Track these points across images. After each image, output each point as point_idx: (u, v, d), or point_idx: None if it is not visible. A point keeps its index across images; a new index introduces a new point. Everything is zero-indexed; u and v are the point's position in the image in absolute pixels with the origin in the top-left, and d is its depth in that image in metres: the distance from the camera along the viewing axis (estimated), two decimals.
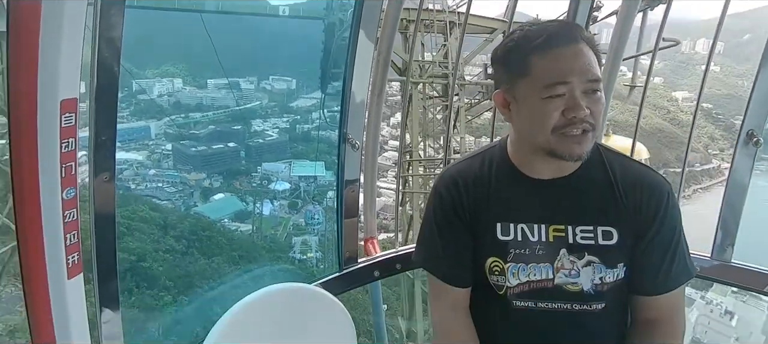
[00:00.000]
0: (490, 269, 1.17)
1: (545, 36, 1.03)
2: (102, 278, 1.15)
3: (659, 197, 1.10)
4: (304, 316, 1.40)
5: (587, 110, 1.01)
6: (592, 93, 1.02)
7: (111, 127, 1.08)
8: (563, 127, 1.02)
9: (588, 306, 1.13)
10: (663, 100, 19.29)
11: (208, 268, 4.21)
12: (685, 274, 1.13)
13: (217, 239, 5.69)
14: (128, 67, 4.92)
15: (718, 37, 1.89)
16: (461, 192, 1.18)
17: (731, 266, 1.70)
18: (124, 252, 3.22)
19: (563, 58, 1.02)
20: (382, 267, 1.81)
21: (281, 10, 7.06)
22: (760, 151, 1.63)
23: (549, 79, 1.02)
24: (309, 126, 10.91)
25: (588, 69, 1.02)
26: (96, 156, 1.09)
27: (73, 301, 1.03)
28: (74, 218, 1.03)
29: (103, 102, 1.06)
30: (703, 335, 11.93)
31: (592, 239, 1.10)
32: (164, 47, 9.03)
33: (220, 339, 1.22)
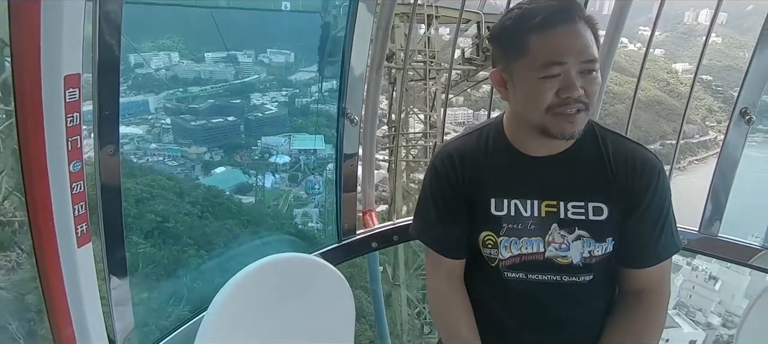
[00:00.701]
0: (484, 242, 1.20)
1: (543, 15, 1.02)
2: (110, 247, 1.19)
3: (650, 174, 1.12)
4: (304, 285, 1.44)
5: (581, 91, 1.02)
6: (587, 73, 1.03)
7: (114, 100, 1.10)
8: (557, 106, 1.03)
9: (577, 277, 1.16)
10: (663, 72, 19.03)
11: (222, 229, 4.90)
12: (672, 248, 1.16)
13: (228, 205, 6.27)
14: (126, 41, 5.07)
15: (720, 7, 1.86)
16: (457, 167, 1.20)
17: (718, 239, 1.74)
18: (152, 214, 4.05)
19: (560, 38, 1.02)
20: (380, 238, 1.85)
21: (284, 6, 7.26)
22: (754, 124, 1.65)
23: (545, 59, 1.02)
24: (308, 99, 10.81)
25: (584, 49, 1.02)
26: (100, 130, 1.11)
27: (83, 268, 1.07)
28: (81, 190, 1.06)
29: (105, 76, 1.07)
30: (687, 299, 12.28)
31: (582, 214, 1.13)
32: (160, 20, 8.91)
33: (223, 307, 1.27)
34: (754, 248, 1.69)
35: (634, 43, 14.83)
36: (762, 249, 1.68)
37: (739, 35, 17.09)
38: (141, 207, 4.05)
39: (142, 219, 3.91)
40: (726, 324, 12.26)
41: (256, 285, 1.35)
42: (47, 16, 0.91)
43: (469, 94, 14.44)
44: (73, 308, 1.08)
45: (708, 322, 12.38)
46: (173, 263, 3.69)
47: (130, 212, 3.45)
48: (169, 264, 3.64)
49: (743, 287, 11.32)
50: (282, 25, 9.18)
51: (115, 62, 1.08)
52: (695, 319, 12.27)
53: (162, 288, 2.48)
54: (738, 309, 11.92)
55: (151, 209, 4.25)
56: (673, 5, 17.61)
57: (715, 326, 12.34)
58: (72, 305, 1.07)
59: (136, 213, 3.89)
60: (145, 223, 4.07)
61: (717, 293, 12.46)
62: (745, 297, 11.53)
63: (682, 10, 18.75)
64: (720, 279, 12.24)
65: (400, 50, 7.35)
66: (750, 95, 1.65)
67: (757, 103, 1.65)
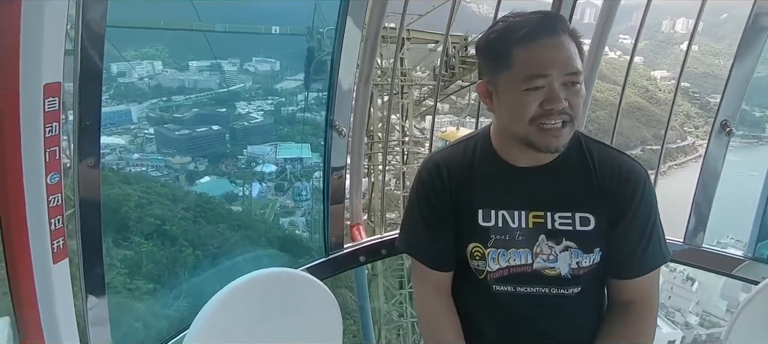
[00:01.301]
0: (472, 254, 1.19)
1: (527, 28, 1.04)
2: (87, 264, 1.15)
3: (636, 184, 1.13)
4: (291, 301, 1.40)
5: (565, 103, 1.03)
6: (571, 85, 1.04)
7: (95, 110, 1.06)
8: (541, 118, 1.04)
9: (565, 290, 1.16)
10: (642, 79, 19.61)
11: (215, 232, 5.19)
12: (660, 258, 1.17)
13: (219, 211, 6.50)
14: (110, 49, 5.06)
15: (700, 17, 1.92)
16: (444, 178, 1.20)
17: (702, 250, 1.77)
18: (151, 217, 4.29)
19: (544, 50, 1.03)
20: (368, 252, 1.83)
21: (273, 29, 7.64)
22: (734, 126, 1.68)
23: (529, 71, 1.03)
24: (294, 108, 10.81)
25: (568, 62, 1.03)
26: (80, 141, 1.08)
27: (58, 285, 1.03)
28: (59, 203, 1.02)
29: (87, 86, 1.04)
30: (666, 300, 12.63)
31: (570, 225, 1.13)
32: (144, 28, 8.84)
33: (205, 326, 1.22)
34: (738, 259, 1.72)
35: (614, 50, 15.29)
36: (744, 259, 1.71)
37: (714, 43, 17.74)
38: (140, 211, 4.30)
39: (143, 222, 4.19)
40: (703, 324, 12.68)
41: (240, 302, 1.31)
42: (27, 21, 0.88)
43: (454, 102, 14.79)
44: (47, 329, 1.03)
45: (686, 322, 12.74)
46: (172, 261, 3.90)
47: (131, 215, 3.79)
48: (168, 262, 3.80)
49: (719, 288, 11.75)
50: (267, 34, 9.19)
51: (97, 71, 1.05)
52: (674, 320, 12.59)
53: (164, 282, 2.63)
54: (715, 309, 12.41)
55: (150, 213, 4.47)
56: (651, 14, 18.26)
57: (693, 326, 12.73)
58: (46, 325, 1.02)
59: (136, 217, 4.14)
60: (146, 226, 4.26)
61: (694, 294, 12.86)
62: (721, 297, 11.99)
63: (659, 19, 19.39)
64: (697, 280, 12.64)
65: (377, 68, 7.73)
66: (729, 108, 1.69)
67: (736, 116, 1.69)
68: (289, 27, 8.21)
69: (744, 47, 1.63)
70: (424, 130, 9.73)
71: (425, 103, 9.27)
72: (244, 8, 9.01)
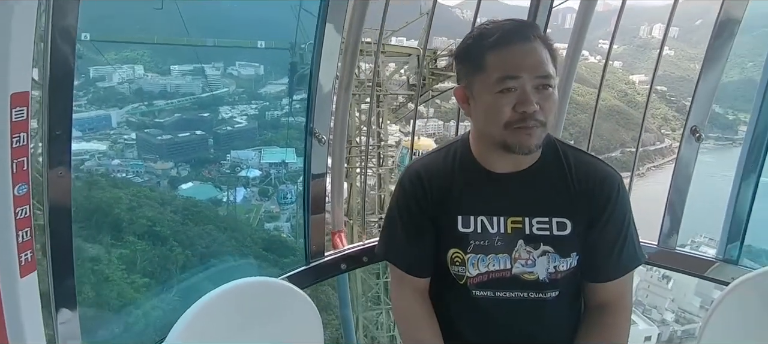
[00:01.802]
0: (451, 260, 1.21)
1: (499, 33, 1.07)
2: (58, 277, 1.12)
3: (610, 188, 1.16)
4: (270, 311, 1.39)
5: (537, 106, 1.05)
6: (543, 89, 1.07)
7: (66, 120, 1.04)
8: (515, 122, 1.07)
9: (543, 294, 1.18)
10: (621, 83, 20.09)
11: (203, 232, 5.40)
12: (634, 261, 1.20)
13: (206, 213, 6.66)
14: (83, 52, 4.96)
15: (671, 22, 1.98)
16: (424, 185, 1.21)
17: (676, 253, 1.81)
18: (143, 219, 4.47)
19: (515, 54, 1.06)
20: (349, 259, 1.82)
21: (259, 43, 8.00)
22: (706, 131, 1.74)
23: (500, 74, 1.06)
24: (278, 112, 10.73)
25: (539, 65, 1.06)
26: (50, 150, 1.05)
27: (26, 301, 1.00)
28: (27, 215, 0.99)
29: (57, 94, 1.02)
30: (644, 298, 13.03)
31: (547, 230, 1.15)
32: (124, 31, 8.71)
33: (182, 337, 1.20)
34: (709, 260, 1.77)
35: (594, 55, 15.64)
36: (715, 261, 1.76)
37: (689, 48, 18.27)
38: (132, 214, 4.45)
39: (136, 223, 4.32)
40: (679, 321, 13.14)
41: (217, 313, 1.29)
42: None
43: (439, 106, 14.99)
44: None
45: (663, 319, 13.17)
46: (164, 258, 3.78)
47: (124, 217, 3.95)
48: (160, 259, 3.95)
49: (693, 286, 12.20)
50: (251, 38, 9.16)
51: (68, 80, 1.03)
52: (651, 317, 12.98)
53: (157, 277, 2.55)
54: (689, 306, 12.93)
55: (142, 215, 4.69)
56: (629, 20, 18.73)
57: (669, 322, 13.20)
58: (12, 341, 0.99)
59: (129, 219, 4.27)
60: (138, 227, 4.38)
61: (670, 291, 13.30)
62: (695, 294, 12.47)
63: (637, 25, 19.88)
64: (673, 278, 13.08)
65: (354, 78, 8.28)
66: (699, 114, 1.74)
67: (705, 121, 1.74)
68: (274, 41, 8.52)
69: (711, 55, 1.67)
70: (409, 133, 10.28)
71: (401, 111, 10.01)
72: (228, 19, 9.11)
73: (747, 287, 1.40)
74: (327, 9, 1.53)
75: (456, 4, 16.38)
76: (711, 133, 3.23)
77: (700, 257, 1.79)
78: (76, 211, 2.38)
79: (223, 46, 8.92)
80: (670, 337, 12.77)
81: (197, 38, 7.54)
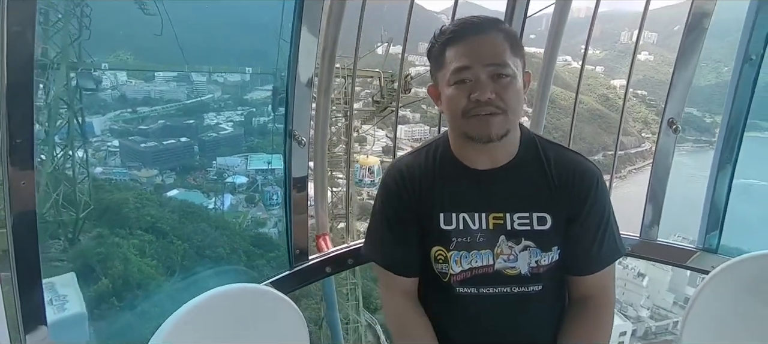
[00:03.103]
0: (435, 258, 1.21)
1: (455, 28, 1.10)
2: (24, 290, 1.07)
3: (589, 182, 1.17)
4: (255, 317, 1.36)
5: (492, 94, 1.06)
6: (498, 78, 1.07)
7: (27, 127, 1.00)
8: (470, 109, 1.08)
9: (526, 288, 1.19)
10: (603, 87, 20.44)
11: (198, 229, 6.22)
12: (615, 254, 1.21)
13: (199, 213, 7.14)
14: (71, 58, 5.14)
15: (644, 28, 2.02)
16: (407, 183, 1.21)
17: (657, 244, 1.84)
18: (148, 217, 5.22)
19: (469, 46, 1.08)
20: (334, 262, 1.80)
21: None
22: (685, 134, 1.77)
23: (455, 65, 1.08)
24: (265, 119, 10.68)
25: (493, 55, 1.07)
26: (11, 159, 1.01)
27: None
28: None
29: (15, 100, 0.98)
30: (620, 295, 13.46)
31: (528, 225, 1.16)
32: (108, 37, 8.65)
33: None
34: (690, 250, 1.80)
35: (577, 61, 15.85)
36: (696, 250, 1.79)
37: (668, 53, 18.66)
38: (138, 213, 5.27)
39: (142, 220, 5.12)
40: (653, 317, 13.50)
41: (200, 319, 1.26)
42: None
43: (425, 111, 15.30)
44: None
45: (638, 316, 13.51)
46: (166, 248, 4.62)
47: (131, 215, 4.70)
48: (163, 249, 4.64)
49: (667, 282, 12.54)
50: (236, 44, 9.21)
51: (26, 84, 0.98)
52: (627, 314, 13.37)
53: (163, 262, 3.93)
54: (663, 302, 13.32)
55: (146, 213, 5.39)
56: (611, 26, 19.06)
57: (644, 318, 13.59)
58: None
59: (136, 217, 5.19)
60: (144, 223, 4.97)
61: (645, 289, 13.71)
62: (669, 291, 12.96)
63: (618, 31, 20.25)
64: (647, 275, 13.44)
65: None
66: (675, 106, 1.77)
67: (681, 114, 1.76)
68: (260, 67, 8.99)
69: (684, 50, 1.71)
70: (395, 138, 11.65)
71: (363, 128, 11.36)
72: (220, 47, 9.55)
73: (726, 274, 1.43)
74: (302, 8, 1.51)
75: (441, 10, 16.53)
76: (689, 136, 3.30)
77: (681, 247, 1.82)
78: (93, 210, 3.72)
79: (217, 71, 9.31)
80: (645, 333, 13.21)
81: (194, 64, 7.97)
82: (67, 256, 3.51)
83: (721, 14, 1.66)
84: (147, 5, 5.02)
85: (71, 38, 3.75)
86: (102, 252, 4.07)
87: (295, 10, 1.50)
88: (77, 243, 3.95)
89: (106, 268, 3.48)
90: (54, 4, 3.46)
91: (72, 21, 3.75)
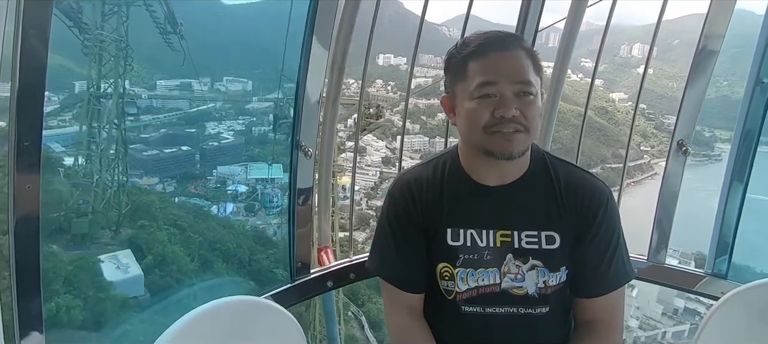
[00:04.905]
0: (441, 274, 1.19)
1: (479, 42, 1.09)
2: (23, 298, 1.04)
3: (599, 202, 1.15)
4: (254, 331, 1.33)
5: (516, 111, 1.05)
6: (523, 95, 1.06)
7: (36, 130, 0.98)
8: (494, 125, 1.07)
9: (532, 309, 1.16)
10: (602, 100, 20.61)
11: (209, 227, 7.05)
12: (623, 277, 1.19)
13: (208, 214, 8.19)
14: (70, 66, 5.60)
15: (655, 43, 2.04)
16: (415, 197, 1.19)
17: (665, 267, 1.81)
18: (171, 215, 6.23)
19: (495, 61, 1.07)
20: (335, 276, 1.77)
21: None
22: (690, 146, 1.76)
23: (480, 80, 1.07)
24: (266, 128, 10.73)
25: (519, 72, 1.07)
26: (18, 163, 0.99)
27: None
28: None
29: (26, 102, 0.96)
30: None
31: (536, 243, 1.14)
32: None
33: None
34: (699, 275, 1.77)
35: (576, 73, 16.02)
36: (705, 275, 1.76)
37: (667, 67, 18.88)
38: (163, 212, 6.19)
39: (167, 217, 6.10)
40: (643, 327, 13.51)
41: (199, 332, 1.23)
42: None
43: (424, 122, 15.51)
44: None
45: (627, 325, 13.53)
46: (187, 239, 5.71)
47: (158, 213, 5.80)
48: (184, 240, 5.67)
49: (656, 293, 12.70)
50: (238, 54, 9.39)
51: (39, 88, 0.97)
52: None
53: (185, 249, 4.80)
54: (652, 313, 13.47)
55: (169, 212, 6.42)
56: (610, 39, 19.24)
57: (633, 328, 13.62)
58: None
59: (162, 215, 6.15)
60: (168, 220, 6.12)
61: (635, 299, 13.74)
62: (657, 302, 13.03)
63: (617, 44, 20.48)
64: (636, 286, 13.51)
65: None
66: (685, 127, 1.76)
67: (691, 135, 1.76)
68: (260, 80, 9.54)
69: (695, 71, 1.71)
70: (395, 149, 11.57)
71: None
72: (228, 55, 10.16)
73: (736, 301, 1.40)
74: (314, 21, 1.51)
75: (442, 23, 16.71)
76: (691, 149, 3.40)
77: (690, 272, 1.80)
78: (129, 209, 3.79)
79: (212, 97, 9.85)
80: (634, 342, 13.32)
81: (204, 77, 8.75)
82: (115, 242, 4.70)
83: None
84: (172, 42, 5.84)
85: (119, 74, 4.89)
86: (144, 238, 5.30)
87: (307, 23, 1.50)
88: (120, 233, 5.10)
89: (149, 250, 4.75)
90: (106, 48, 4.51)
91: (120, 62, 4.87)
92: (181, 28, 4.79)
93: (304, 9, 1.51)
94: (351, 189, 2.06)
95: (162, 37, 5.23)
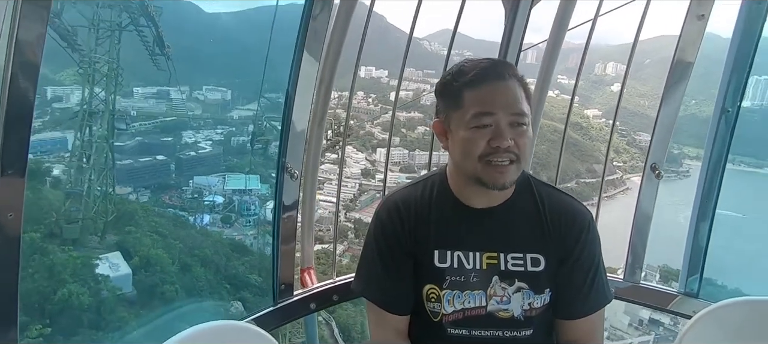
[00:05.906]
0: (427, 296, 1.19)
1: (477, 71, 1.10)
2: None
3: (581, 226, 1.18)
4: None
5: (511, 141, 1.08)
6: (517, 126, 1.09)
7: (21, 159, 0.95)
8: (489, 155, 1.08)
9: (517, 332, 1.18)
10: (577, 117, 21.23)
11: (188, 234, 7.70)
12: (603, 299, 1.22)
13: (186, 223, 8.52)
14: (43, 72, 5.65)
15: (631, 63, 2.12)
16: (403, 218, 1.20)
17: (641, 287, 1.87)
18: (153, 222, 6.84)
19: (491, 92, 1.09)
20: (319, 298, 1.76)
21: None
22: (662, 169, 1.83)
23: (476, 109, 1.08)
24: (245, 138, 10.56)
25: (514, 103, 1.09)
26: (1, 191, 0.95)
27: None
28: None
29: (13, 131, 0.93)
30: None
31: (521, 266, 1.16)
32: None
33: None
34: (672, 294, 1.84)
35: (553, 89, 16.44)
36: (678, 294, 1.83)
37: (639, 85, 19.64)
38: (145, 219, 6.79)
39: (149, 224, 6.71)
40: (610, 337, 13.77)
41: None
42: None
43: (405, 135, 15.59)
44: None
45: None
46: (168, 246, 6.21)
47: (142, 221, 6.47)
48: (166, 246, 6.19)
49: (623, 304, 12.85)
50: (218, 62, 9.27)
51: (26, 116, 0.94)
52: None
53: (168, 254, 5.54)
54: (619, 324, 13.64)
55: (151, 220, 7.14)
56: (585, 58, 19.85)
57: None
58: None
59: (145, 221, 6.78)
60: (150, 227, 6.65)
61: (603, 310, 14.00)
62: (624, 313, 13.31)
63: (592, 63, 21.17)
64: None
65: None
66: (657, 151, 1.83)
67: (663, 159, 1.83)
68: (239, 90, 9.55)
69: (667, 96, 1.79)
70: (375, 162, 12.08)
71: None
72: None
73: (709, 320, 1.45)
74: (304, 40, 1.51)
75: (424, 37, 16.93)
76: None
77: (664, 291, 1.86)
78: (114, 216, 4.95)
79: (202, 117, 9.82)
80: None
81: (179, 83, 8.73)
82: (102, 246, 5.14)
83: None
84: (159, 61, 6.06)
85: (110, 93, 5.40)
86: (130, 242, 5.80)
87: (297, 43, 1.51)
88: (105, 239, 5.53)
89: (135, 252, 5.31)
90: (99, 70, 4.98)
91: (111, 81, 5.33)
92: (168, 50, 4.99)
93: (287, 17, 1.51)
94: (336, 206, 2.04)
95: (151, 59, 5.47)
